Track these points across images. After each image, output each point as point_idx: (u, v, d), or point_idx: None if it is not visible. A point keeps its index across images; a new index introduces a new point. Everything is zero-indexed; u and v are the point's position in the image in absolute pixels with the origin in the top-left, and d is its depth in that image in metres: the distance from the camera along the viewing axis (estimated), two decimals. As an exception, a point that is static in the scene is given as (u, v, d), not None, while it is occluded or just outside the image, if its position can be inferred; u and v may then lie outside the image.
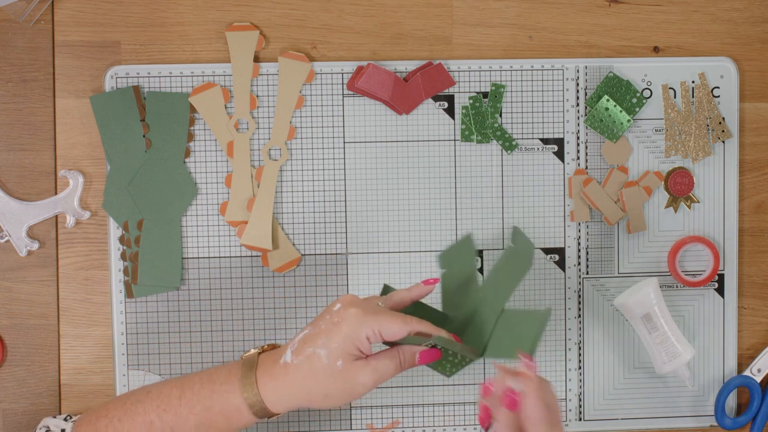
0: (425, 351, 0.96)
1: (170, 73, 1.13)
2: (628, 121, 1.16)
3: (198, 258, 1.14)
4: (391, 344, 0.97)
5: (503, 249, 1.02)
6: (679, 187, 1.17)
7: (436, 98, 1.15)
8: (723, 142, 1.18)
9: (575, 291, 1.17)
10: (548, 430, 0.87)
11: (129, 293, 1.13)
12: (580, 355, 1.18)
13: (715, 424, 1.19)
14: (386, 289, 1.02)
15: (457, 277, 1.04)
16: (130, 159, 1.12)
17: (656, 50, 1.17)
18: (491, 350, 0.97)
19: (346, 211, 1.15)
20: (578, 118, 1.16)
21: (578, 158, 1.17)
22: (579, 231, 1.17)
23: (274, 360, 0.95)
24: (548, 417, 0.88)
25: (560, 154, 1.16)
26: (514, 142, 1.16)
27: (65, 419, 1.04)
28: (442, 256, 1.07)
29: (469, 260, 1.04)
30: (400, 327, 0.92)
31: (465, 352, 0.97)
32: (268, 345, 0.99)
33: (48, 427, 1.03)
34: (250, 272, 1.14)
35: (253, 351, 0.98)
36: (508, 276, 1.01)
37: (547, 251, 1.17)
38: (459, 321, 1.01)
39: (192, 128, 1.13)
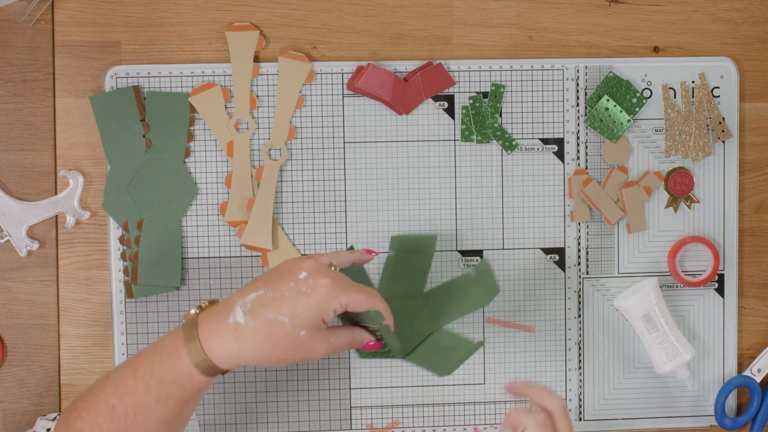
0: (372, 343, 0.98)
1: (170, 73, 1.13)
2: (628, 121, 1.16)
3: (198, 258, 1.14)
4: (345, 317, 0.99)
5: (465, 273, 1.05)
6: (679, 187, 1.17)
7: (436, 98, 1.15)
8: (723, 142, 1.18)
9: (575, 291, 1.17)
10: None
11: (129, 293, 1.13)
12: (580, 355, 1.18)
13: (715, 424, 1.19)
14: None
15: (403, 269, 1.04)
16: (130, 159, 1.12)
17: (656, 50, 1.17)
18: (416, 357, 1.01)
19: (346, 211, 1.15)
20: (578, 118, 1.16)
21: (578, 158, 1.16)
22: (579, 231, 1.17)
23: (220, 318, 0.93)
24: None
25: (560, 154, 1.16)
26: (514, 142, 1.16)
27: (54, 419, 1.05)
28: (396, 238, 1.06)
29: (425, 260, 1.04)
30: (364, 301, 0.93)
31: (396, 347, 0.98)
32: (208, 302, 0.97)
33: (37, 430, 1.04)
34: (250, 272, 1.14)
35: (192, 311, 0.96)
36: (459, 303, 1.02)
37: (547, 251, 1.17)
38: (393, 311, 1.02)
39: (192, 128, 1.13)
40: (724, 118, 1.17)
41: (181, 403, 0.94)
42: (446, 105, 1.15)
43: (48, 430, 1.02)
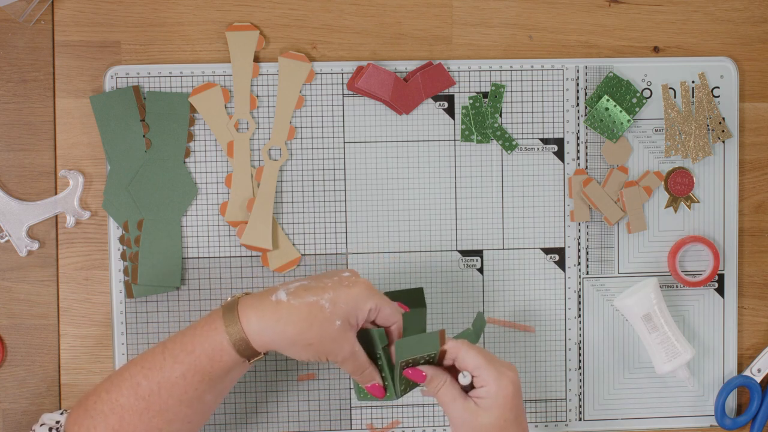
0: (379, 387, 0.99)
1: (170, 73, 1.13)
2: (628, 121, 1.16)
3: (198, 258, 1.14)
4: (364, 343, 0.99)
5: (465, 330, 1.05)
6: (679, 187, 1.17)
7: (436, 98, 1.15)
8: (723, 142, 1.18)
9: (575, 291, 1.17)
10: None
11: (129, 293, 1.13)
12: (580, 355, 1.18)
13: (715, 424, 1.19)
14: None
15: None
16: (130, 159, 1.12)
17: (656, 50, 1.17)
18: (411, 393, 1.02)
19: (346, 211, 1.15)
20: (578, 118, 1.16)
21: (578, 158, 1.17)
22: (579, 231, 1.17)
23: (262, 296, 0.95)
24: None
25: (560, 154, 1.16)
26: (514, 142, 1.16)
27: (61, 414, 1.05)
28: (387, 294, 1.03)
29: (419, 315, 1.02)
30: (393, 313, 0.97)
31: (393, 387, 0.99)
32: (245, 293, 0.99)
33: (45, 423, 1.03)
34: (250, 272, 1.14)
35: (232, 298, 0.98)
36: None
37: (547, 251, 1.17)
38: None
39: (192, 128, 1.13)
40: (724, 118, 1.17)
41: (206, 382, 0.94)
42: (446, 105, 1.15)
43: (57, 422, 1.02)
